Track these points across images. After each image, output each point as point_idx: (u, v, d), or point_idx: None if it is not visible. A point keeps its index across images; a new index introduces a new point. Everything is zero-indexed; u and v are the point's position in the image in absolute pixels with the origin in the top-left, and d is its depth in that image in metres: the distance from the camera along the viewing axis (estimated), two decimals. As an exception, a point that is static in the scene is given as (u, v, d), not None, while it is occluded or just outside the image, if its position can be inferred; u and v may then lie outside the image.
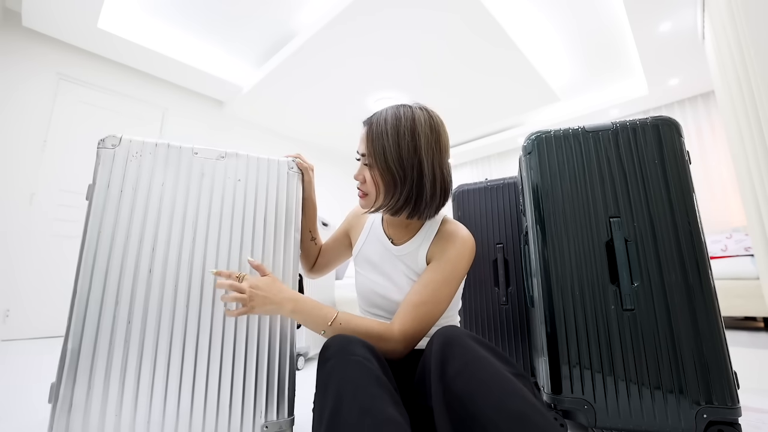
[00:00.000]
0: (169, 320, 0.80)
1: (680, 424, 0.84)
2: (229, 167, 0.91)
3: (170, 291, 0.81)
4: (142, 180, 0.84)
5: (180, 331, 0.80)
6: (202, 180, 0.88)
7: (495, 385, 0.50)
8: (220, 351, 0.82)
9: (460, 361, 0.54)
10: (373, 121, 0.75)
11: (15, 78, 3.02)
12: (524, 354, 1.40)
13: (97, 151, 0.82)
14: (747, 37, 1.65)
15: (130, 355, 0.76)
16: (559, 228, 1.01)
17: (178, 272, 0.82)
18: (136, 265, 0.80)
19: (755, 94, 1.68)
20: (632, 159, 1.00)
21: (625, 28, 3.32)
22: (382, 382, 0.54)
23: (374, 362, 0.58)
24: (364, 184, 0.77)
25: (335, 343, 0.61)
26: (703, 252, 0.91)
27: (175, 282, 0.82)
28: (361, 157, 0.78)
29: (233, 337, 0.84)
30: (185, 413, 0.78)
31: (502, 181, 1.56)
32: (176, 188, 0.86)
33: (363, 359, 0.57)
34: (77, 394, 0.72)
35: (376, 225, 0.90)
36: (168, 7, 3.19)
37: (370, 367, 0.56)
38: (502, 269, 1.47)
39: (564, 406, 0.92)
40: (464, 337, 0.58)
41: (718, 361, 0.85)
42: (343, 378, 0.54)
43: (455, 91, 4.03)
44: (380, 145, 0.72)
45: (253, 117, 4.59)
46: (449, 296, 0.74)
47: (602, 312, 0.94)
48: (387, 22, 2.95)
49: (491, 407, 0.47)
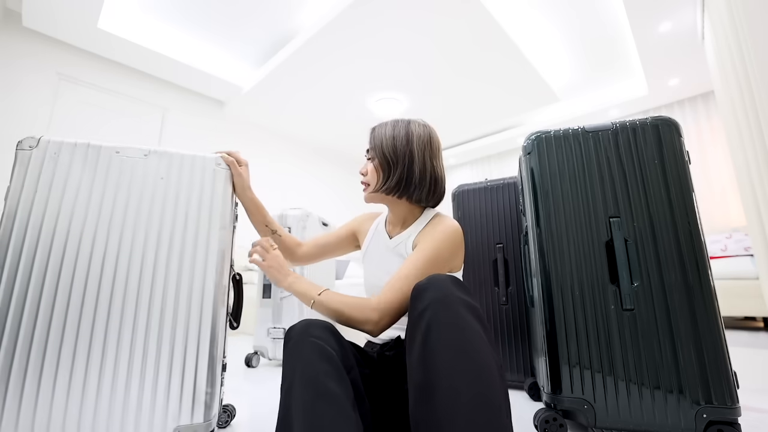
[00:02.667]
0: (75, 319, 0.79)
1: (680, 423, 0.84)
2: (152, 165, 0.89)
3: (79, 288, 0.80)
4: (58, 180, 0.84)
5: (86, 331, 0.79)
6: (120, 178, 0.87)
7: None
8: (129, 352, 0.80)
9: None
10: (375, 127, 0.92)
11: (15, 78, 3.02)
12: (524, 354, 1.40)
13: (15, 152, 0.83)
14: (747, 37, 1.65)
15: (33, 355, 0.76)
16: (559, 228, 1.02)
17: (88, 270, 0.82)
18: (45, 264, 0.80)
19: (755, 94, 1.69)
20: (632, 159, 1.00)
21: (625, 28, 3.32)
22: (333, 359, 0.60)
23: (331, 341, 0.64)
24: (366, 175, 0.91)
25: (298, 326, 0.67)
26: (702, 252, 0.91)
27: (84, 279, 0.81)
28: (366, 154, 0.93)
29: (144, 338, 0.82)
30: (88, 413, 0.76)
31: (502, 181, 1.56)
32: (92, 187, 0.85)
33: (318, 339, 0.63)
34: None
35: (380, 227, 0.98)
36: (168, 7, 3.19)
37: (322, 346, 0.62)
38: (502, 269, 1.47)
39: (564, 406, 0.92)
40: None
41: (718, 361, 0.85)
42: (298, 356, 0.61)
43: (456, 91, 4.03)
44: (379, 139, 0.88)
45: (253, 117, 4.59)
46: (426, 276, 0.77)
47: (602, 312, 0.94)
48: (388, 22, 2.95)
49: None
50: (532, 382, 1.32)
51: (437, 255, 0.78)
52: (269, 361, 2.06)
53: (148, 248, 0.86)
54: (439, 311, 0.58)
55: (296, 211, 2.02)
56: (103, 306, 0.81)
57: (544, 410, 0.95)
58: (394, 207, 0.91)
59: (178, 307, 0.85)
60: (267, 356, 1.93)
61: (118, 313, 0.82)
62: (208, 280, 0.88)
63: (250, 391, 1.50)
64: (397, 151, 0.85)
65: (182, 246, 0.88)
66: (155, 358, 0.82)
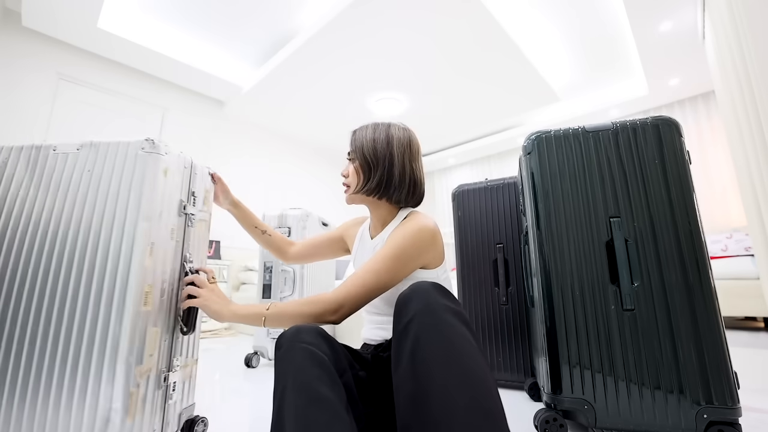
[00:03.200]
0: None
1: (680, 424, 0.84)
2: (81, 159, 0.87)
3: (6, 284, 0.79)
4: (4, 184, 0.86)
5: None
6: (54, 174, 0.86)
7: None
8: (38, 361, 0.76)
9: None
10: (356, 130, 0.94)
11: (15, 78, 3.02)
12: (524, 354, 1.40)
13: None
14: (747, 36, 1.64)
15: None
16: (559, 228, 1.01)
17: (15, 270, 0.81)
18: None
19: (755, 94, 1.68)
20: (632, 159, 0.99)
21: (625, 28, 3.32)
22: (324, 364, 0.60)
23: (323, 346, 0.63)
24: (347, 177, 0.93)
25: (288, 332, 0.66)
26: (703, 252, 0.91)
27: (9, 280, 0.80)
28: (347, 156, 0.95)
29: (52, 347, 0.76)
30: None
31: (502, 181, 1.56)
32: (30, 186, 0.86)
33: (309, 345, 0.62)
34: None
35: (365, 231, 1.00)
36: (168, 6, 3.19)
37: (314, 351, 0.61)
38: (502, 269, 1.47)
39: (564, 406, 0.92)
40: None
41: (719, 361, 0.85)
42: (290, 362, 0.60)
43: (456, 91, 4.03)
44: (360, 142, 0.90)
45: (253, 117, 4.59)
46: (390, 270, 0.77)
47: (602, 312, 0.94)
48: (388, 22, 2.95)
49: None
50: (532, 382, 1.31)
51: (401, 251, 0.78)
52: (269, 361, 2.06)
53: (68, 245, 0.81)
54: (426, 322, 0.58)
55: (296, 211, 2.01)
56: (22, 312, 0.78)
57: (544, 410, 0.95)
58: (375, 208, 0.93)
59: (87, 310, 0.76)
60: (267, 356, 1.93)
61: (34, 320, 0.77)
62: (132, 278, 0.77)
63: (249, 392, 1.50)
64: (377, 153, 0.87)
65: (102, 241, 0.80)
66: (59, 371, 0.73)
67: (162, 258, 0.85)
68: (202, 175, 1.02)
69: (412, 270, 0.80)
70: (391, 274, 0.77)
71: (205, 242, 1.06)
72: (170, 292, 0.88)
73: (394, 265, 0.77)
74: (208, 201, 1.05)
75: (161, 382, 0.83)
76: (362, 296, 0.74)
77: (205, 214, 1.05)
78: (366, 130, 0.92)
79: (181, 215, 0.94)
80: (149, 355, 0.80)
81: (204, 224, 1.04)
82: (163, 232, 0.85)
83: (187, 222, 0.96)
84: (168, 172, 0.88)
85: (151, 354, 0.81)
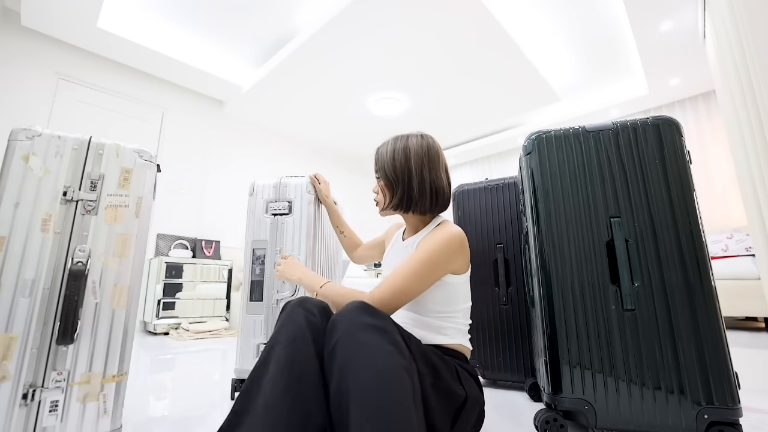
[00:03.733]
0: None
1: (681, 424, 0.84)
2: None
3: None
4: None
5: None
6: None
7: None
8: None
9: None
10: (379, 147, 1.01)
11: (14, 78, 3.02)
12: (524, 354, 1.40)
13: None
14: (748, 36, 1.64)
15: None
16: (560, 228, 1.01)
17: None
18: None
19: (756, 94, 1.68)
20: (633, 159, 0.99)
21: (625, 28, 3.32)
22: (314, 326, 0.69)
23: (317, 315, 0.72)
24: (377, 194, 1.02)
25: (296, 300, 0.77)
26: (703, 252, 0.90)
27: None
28: (375, 174, 1.02)
29: None
30: None
31: (502, 181, 1.55)
32: None
33: (305, 310, 0.72)
34: None
35: (399, 234, 1.08)
36: (168, 6, 3.19)
37: (306, 315, 0.71)
38: (502, 269, 1.47)
39: (564, 406, 0.92)
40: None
41: (719, 362, 0.85)
42: (288, 322, 0.71)
43: (456, 91, 4.02)
44: (381, 160, 0.97)
45: (253, 117, 4.59)
46: (423, 275, 0.81)
47: (602, 312, 0.94)
48: (388, 21, 2.94)
49: None
50: (532, 383, 1.31)
51: (432, 257, 0.82)
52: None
53: None
54: (349, 349, 0.61)
55: (298, 180, 1.41)
56: None
57: (544, 411, 0.95)
58: (407, 218, 1.01)
59: None
60: None
61: None
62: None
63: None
64: (396, 170, 0.93)
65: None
66: None
67: (21, 252, 0.74)
68: (122, 154, 0.89)
69: (441, 275, 0.84)
70: (421, 278, 0.81)
71: (135, 228, 0.90)
72: (44, 292, 0.75)
73: (424, 270, 0.81)
74: (129, 183, 0.90)
75: (24, 400, 0.69)
76: (394, 299, 0.79)
77: (125, 198, 0.89)
78: (387, 146, 0.97)
79: (66, 203, 0.82)
80: (17, 377, 0.67)
81: (124, 210, 0.89)
82: (22, 224, 0.75)
83: (79, 210, 0.84)
84: (32, 158, 0.77)
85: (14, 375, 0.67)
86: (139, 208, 0.92)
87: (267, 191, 1.39)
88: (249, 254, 1.35)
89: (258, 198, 1.39)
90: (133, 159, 0.93)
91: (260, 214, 1.37)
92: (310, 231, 1.32)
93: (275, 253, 1.33)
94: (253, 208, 1.38)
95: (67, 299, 0.77)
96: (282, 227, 1.34)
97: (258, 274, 1.34)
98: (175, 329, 3.17)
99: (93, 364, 0.81)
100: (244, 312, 1.33)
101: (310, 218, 1.33)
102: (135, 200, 0.92)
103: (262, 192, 1.39)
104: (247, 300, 1.34)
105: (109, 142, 0.91)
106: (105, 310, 0.84)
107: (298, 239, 1.31)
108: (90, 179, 0.86)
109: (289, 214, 1.34)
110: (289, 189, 1.38)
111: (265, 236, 1.35)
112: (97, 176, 0.87)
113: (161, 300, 3.18)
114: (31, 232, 0.77)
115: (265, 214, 1.36)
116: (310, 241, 1.32)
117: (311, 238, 1.33)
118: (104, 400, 0.81)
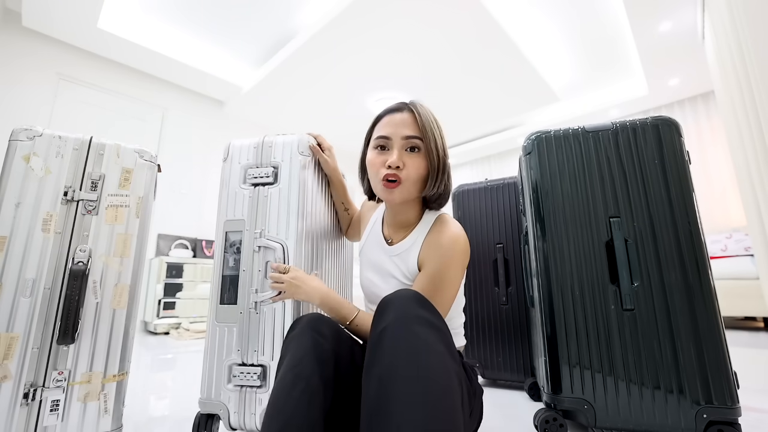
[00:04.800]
0: None
1: (680, 423, 0.84)
2: None
3: None
4: None
5: None
6: None
7: None
8: None
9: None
10: (416, 104, 0.75)
11: (15, 78, 3.02)
12: (524, 354, 1.40)
13: None
14: (747, 37, 1.64)
15: None
16: (559, 228, 1.01)
17: None
18: None
19: (755, 94, 1.68)
20: (632, 159, 0.99)
21: (625, 28, 3.32)
22: (324, 350, 0.62)
23: (327, 338, 0.64)
24: (400, 169, 0.72)
25: (307, 317, 0.68)
26: (703, 252, 0.91)
27: None
28: (404, 141, 0.73)
29: None
30: None
31: (502, 181, 1.56)
32: None
33: (315, 333, 0.64)
34: None
35: (377, 226, 0.91)
36: (168, 6, 3.19)
37: (316, 338, 0.63)
38: (502, 269, 1.47)
39: (564, 406, 0.92)
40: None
41: (718, 361, 0.85)
42: (296, 346, 0.63)
43: (455, 91, 4.03)
44: (430, 129, 0.72)
45: (253, 117, 4.59)
46: (444, 302, 0.74)
47: (602, 312, 0.94)
48: (387, 21, 2.95)
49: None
50: (532, 382, 1.31)
51: (450, 282, 0.73)
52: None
53: None
54: (398, 336, 0.54)
55: (287, 138, 0.99)
56: None
57: (544, 410, 0.95)
58: (402, 209, 0.81)
59: None
60: (228, 422, 0.87)
61: None
62: None
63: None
64: (440, 152, 0.73)
65: None
66: None
67: (22, 252, 0.74)
68: (123, 154, 0.88)
69: None
70: (446, 303, 0.73)
71: (135, 228, 0.89)
72: (45, 292, 0.75)
73: (448, 294, 0.73)
74: (129, 183, 0.89)
75: (25, 399, 0.68)
76: None
77: (125, 198, 0.88)
78: (428, 111, 0.75)
79: (67, 203, 0.81)
80: (17, 375, 0.67)
81: (125, 210, 0.89)
82: (23, 223, 0.75)
83: (80, 210, 0.83)
84: (33, 158, 0.77)
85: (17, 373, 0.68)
86: (140, 208, 0.92)
87: (246, 154, 0.98)
88: (221, 239, 0.94)
89: (234, 163, 0.97)
90: (133, 159, 0.92)
91: (236, 184, 0.95)
92: (302, 206, 0.91)
93: (254, 238, 0.91)
94: (227, 177, 0.97)
95: (67, 299, 0.77)
96: (265, 201, 0.93)
97: (232, 266, 0.93)
98: (175, 329, 3.17)
99: (94, 364, 0.81)
100: (212, 320, 0.91)
101: (304, 188, 0.93)
102: (135, 200, 0.92)
103: (239, 155, 0.98)
104: (217, 303, 0.92)
105: (110, 142, 0.91)
106: (106, 309, 0.84)
107: (285, 218, 0.90)
108: (91, 179, 0.86)
109: (274, 184, 0.94)
110: (275, 149, 0.97)
111: (242, 215, 0.93)
112: (97, 176, 0.87)
113: (162, 300, 3.18)
114: (32, 232, 0.77)
115: (242, 185, 0.95)
116: (302, 220, 0.90)
117: (302, 216, 0.90)
118: (105, 400, 0.81)
